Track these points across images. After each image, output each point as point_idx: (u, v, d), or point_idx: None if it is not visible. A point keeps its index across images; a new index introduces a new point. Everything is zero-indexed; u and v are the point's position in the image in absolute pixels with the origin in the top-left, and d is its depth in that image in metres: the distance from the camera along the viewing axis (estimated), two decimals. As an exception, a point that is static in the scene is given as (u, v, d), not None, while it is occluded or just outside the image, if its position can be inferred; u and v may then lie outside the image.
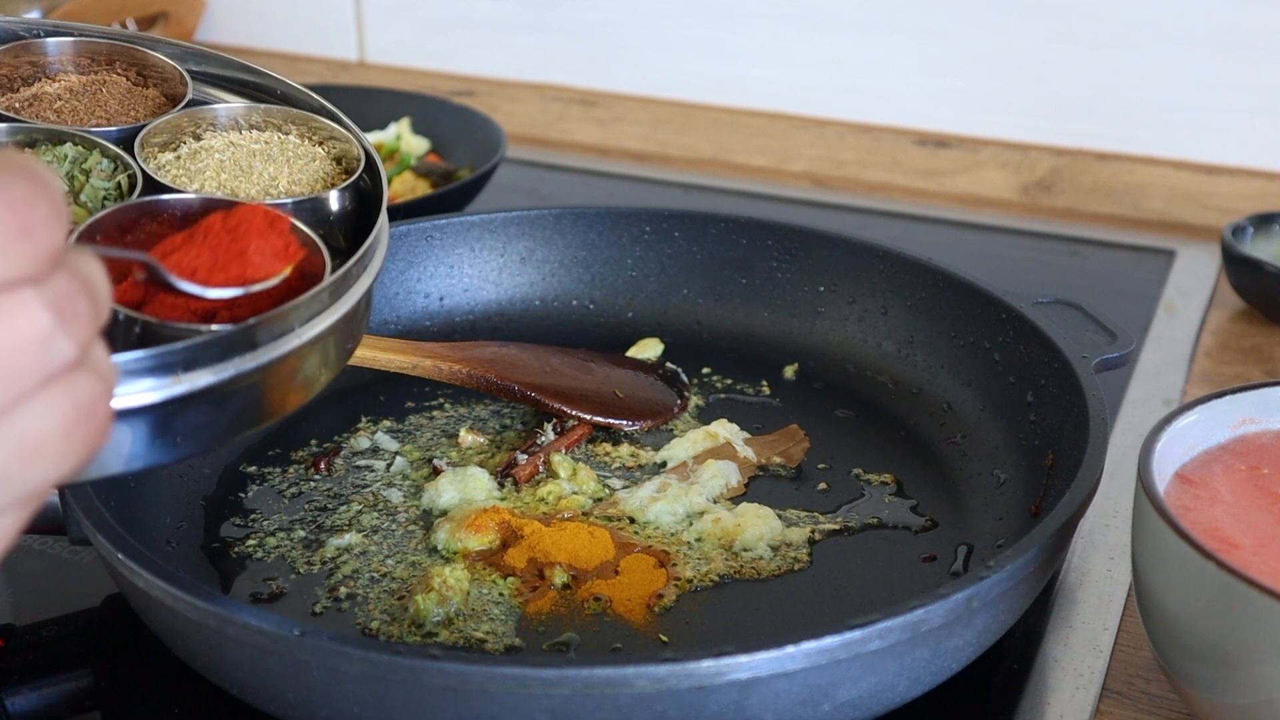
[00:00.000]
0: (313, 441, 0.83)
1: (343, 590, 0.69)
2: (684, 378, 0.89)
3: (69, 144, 0.65)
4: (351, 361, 0.81)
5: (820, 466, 0.81)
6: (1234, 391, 0.66)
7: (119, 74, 0.72)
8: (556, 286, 0.96)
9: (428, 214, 0.96)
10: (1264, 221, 1.08)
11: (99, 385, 0.39)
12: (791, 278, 0.94)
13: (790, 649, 0.54)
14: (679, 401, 0.87)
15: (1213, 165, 1.29)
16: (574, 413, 0.82)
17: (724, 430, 0.82)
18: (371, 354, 0.81)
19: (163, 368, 0.50)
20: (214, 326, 0.53)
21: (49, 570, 0.74)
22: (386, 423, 0.84)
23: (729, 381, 0.90)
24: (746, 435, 0.83)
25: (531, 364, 0.86)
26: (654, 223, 0.96)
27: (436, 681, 0.53)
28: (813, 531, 0.74)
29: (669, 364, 0.91)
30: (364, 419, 0.85)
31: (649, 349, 0.92)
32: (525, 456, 0.79)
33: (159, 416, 0.51)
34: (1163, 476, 0.62)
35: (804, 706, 0.56)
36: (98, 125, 0.67)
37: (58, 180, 0.38)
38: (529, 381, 0.83)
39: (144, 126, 0.67)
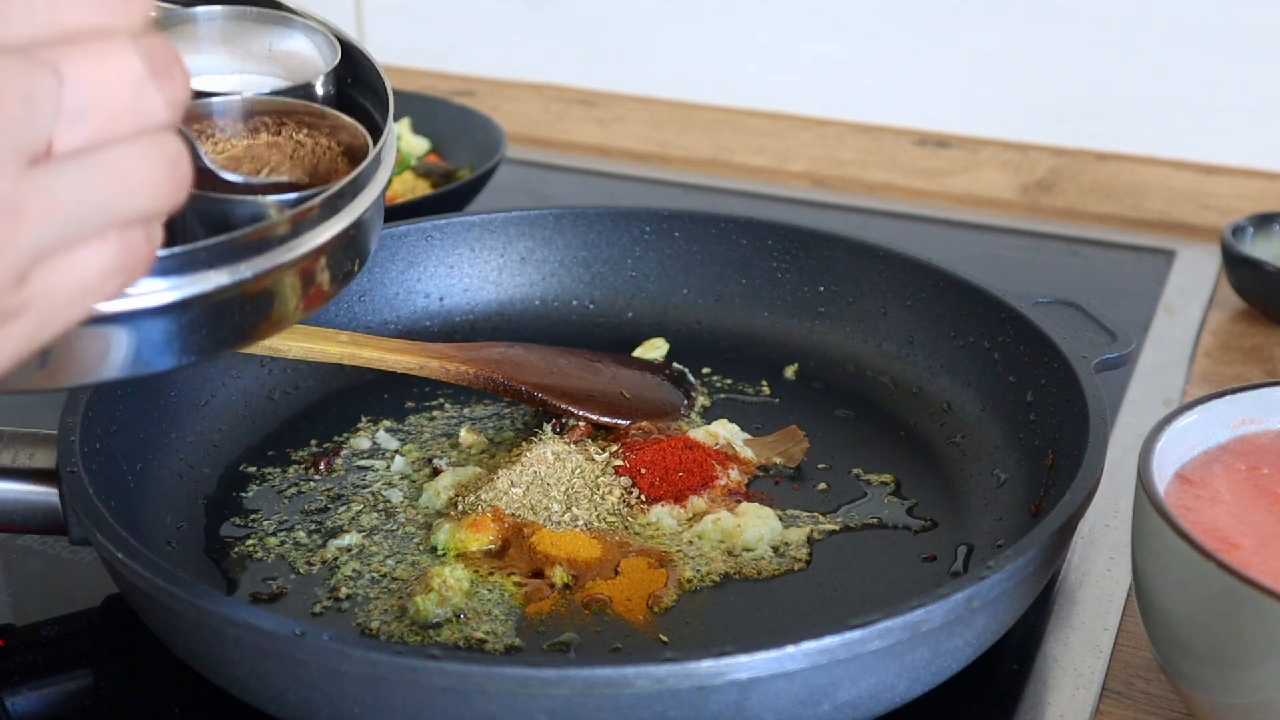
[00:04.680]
0: (313, 441, 0.83)
1: (343, 590, 0.69)
2: (691, 378, 0.89)
3: None
4: (358, 362, 0.81)
5: (820, 466, 0.81)
6: (1234, 391, 0.66)
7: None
8: (556, 286, 0.96)
9: (428, 214, 0.96)
10: (1264, 221, 1.08)
11: (183, 145, 0.42)
12: (791, 278, 0.94)
13: (790, 649, 0.54)
14: (686, 402, 0.87)
15: (1213, 165, 1.29)
16: (581, 413, 0.82)
17: (724, 430, 0.82)
18: (378, 355, 0.81)
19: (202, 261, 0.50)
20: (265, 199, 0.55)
21: (49, 570, 0.74)
22: (387, 423, 0.85)
23: (729, 381, 0.90)
24: (746, 435, 0.83)
25: (538, 364, 0.86)
26: (654, 223, 0.96)
27: (436, 681, 0.53)
28: (813, 531, 0.74)
29: (676, 364, 0.91)
30: (364, 419, 0.85)
31: (655, 349, 0.92)
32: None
33: (177, 316, 0.51)
34: (1163, 476, 0.62)
35: (804, 706, 0.56)
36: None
37: None
38: (535, 382, 0.83)
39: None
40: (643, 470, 0.76)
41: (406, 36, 1.61)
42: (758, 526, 0.73)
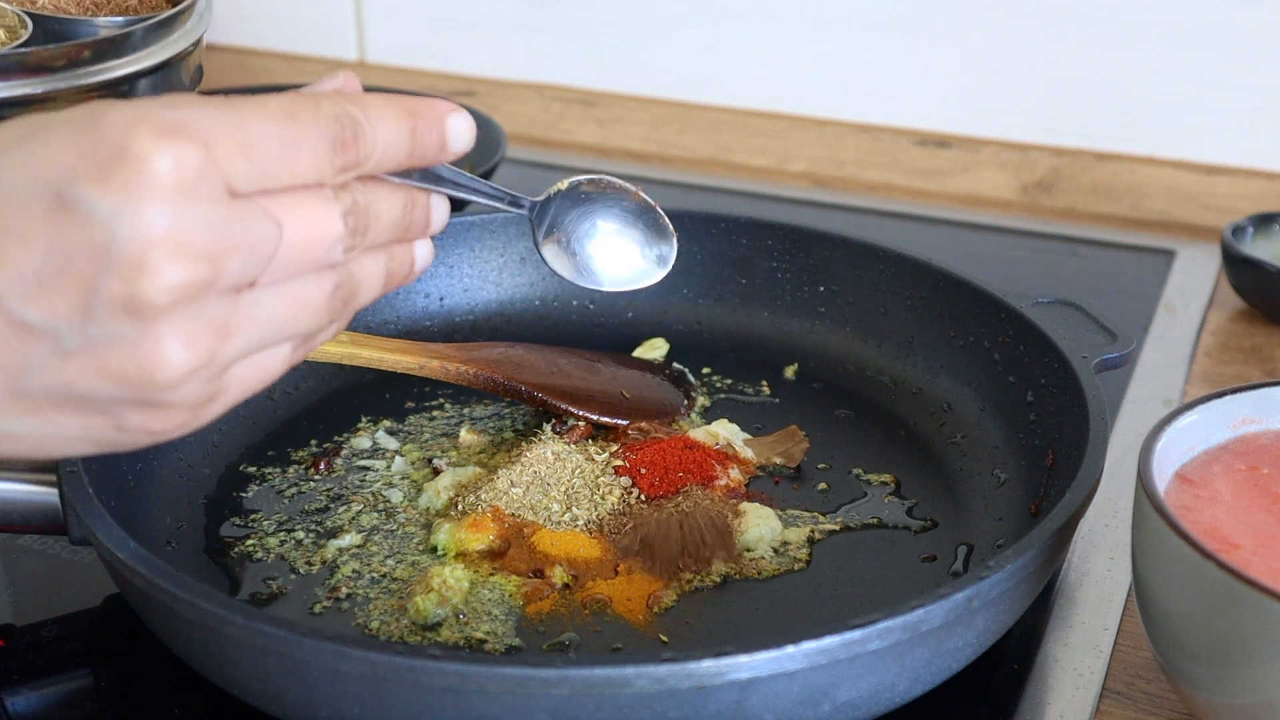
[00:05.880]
0: (313, 441, 0.83)
1: (343, 590, 0.69)
2: (691, 378, 0.89)
3: None
4: (358, 362, 0.81)
5: (820, 466, 0.81)
6: (1234, 391, 0.66)
7: None
8: (556, 286, 0.96)
9: (428, 214, 0.96)
10: (1264, 221, 1.08)
11: (351, 281, 0.52)
12: (791, 278, 0.94)
13: (790, 649, 0.54)
14: (686, 402, 0.87)
15: (1213, 165, 1.29)
16: (581, 413, 0.82)
17: (724, 430, 0.82)
18: (379, 354, 0.81)
19: None
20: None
21: (49, 570, 0.74)
22: (386, 423, 0.85)
23: (729, 381, 0.90)
24: (746, 435, 0.83)
25: (538, 364, 0.86)
26: (654, 223, 0.96)
27: (436, 681, 0.53)
28: (813, 531, 0.74)
29: (676, 364, 0.91)
30: (364, 419, 0.85)
31: (655, 349, 0.92)
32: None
33: None
34: (1163, 476, 0.62)
35: (804, 706, 0.56)
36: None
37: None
38: (536, 382, 0.83)
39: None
40: (643, 470, 0.76)
41: (406, 36, 1.61)
42: (758, 526, 0.73)
